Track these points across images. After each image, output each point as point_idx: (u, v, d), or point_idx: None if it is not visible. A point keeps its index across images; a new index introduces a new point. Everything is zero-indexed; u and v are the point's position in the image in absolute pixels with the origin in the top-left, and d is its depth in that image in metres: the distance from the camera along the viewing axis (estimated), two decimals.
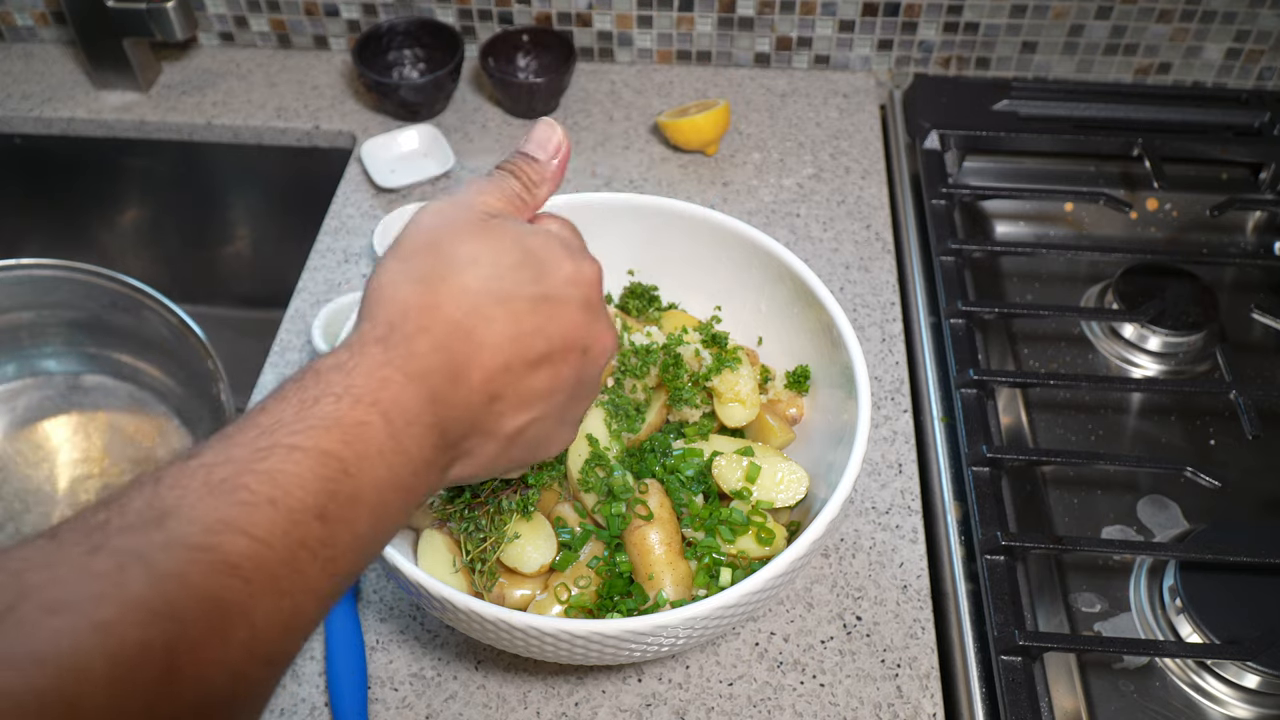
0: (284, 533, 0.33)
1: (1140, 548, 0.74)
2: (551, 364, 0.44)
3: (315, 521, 0.34)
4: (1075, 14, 1.07)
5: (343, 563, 0.36)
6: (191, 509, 0.32)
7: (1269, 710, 0.68)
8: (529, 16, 1.13)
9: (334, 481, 0.35)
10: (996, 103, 1.04)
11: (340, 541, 0.35)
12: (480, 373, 0.42)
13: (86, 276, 0.99)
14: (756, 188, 1.02)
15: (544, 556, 0.64)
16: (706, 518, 0.64)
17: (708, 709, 0.67)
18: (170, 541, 0.31)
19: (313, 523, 0.34)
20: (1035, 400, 0.86)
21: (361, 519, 0.36)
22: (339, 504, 0.35)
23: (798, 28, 1.11)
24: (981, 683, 0.68)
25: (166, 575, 0.30)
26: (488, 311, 0.42)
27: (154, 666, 0.29)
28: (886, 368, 0.86)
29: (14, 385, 1.07)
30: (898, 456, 0.80)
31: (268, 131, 1.11)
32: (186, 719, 0.29)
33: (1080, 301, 0.94)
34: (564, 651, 0.56)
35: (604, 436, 0.67)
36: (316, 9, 1.14)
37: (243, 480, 0.33)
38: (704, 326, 0.75)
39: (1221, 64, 1.11)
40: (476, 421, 0.43)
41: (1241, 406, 0.80)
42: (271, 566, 0.32)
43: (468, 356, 0.41)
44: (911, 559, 0.74)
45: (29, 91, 1.14)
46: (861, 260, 0.95)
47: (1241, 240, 1.01)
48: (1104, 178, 1.03)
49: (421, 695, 0.68)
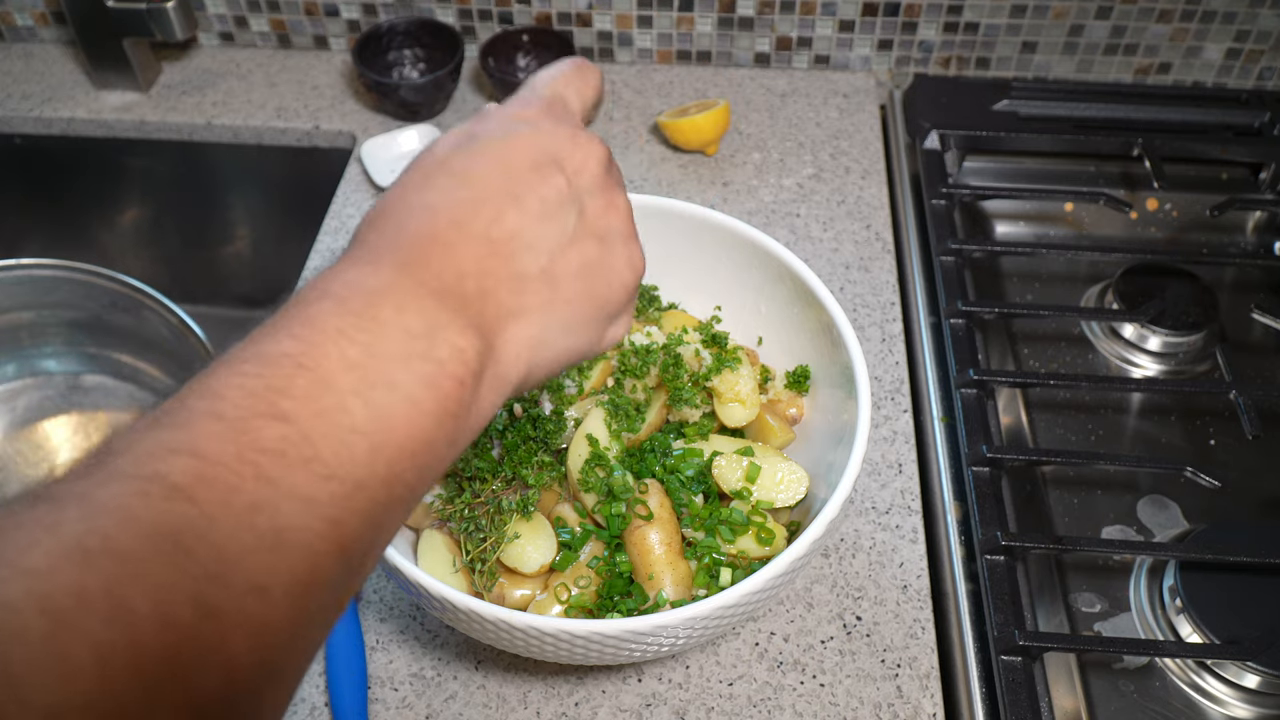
0: (233, 442, 0.30)
1: (1140, 548, 0.74)
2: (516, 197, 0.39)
3: (273, 423, 0.31)
4: (1075, 14, 1.07)
5: (336, 460, 0.31)
6: (135, 444, 0.30)
7: (1269, 710, 0.68)
8: (529, 16, 1.13)
9: (284, 379, 0.32)
10: (996, 103, 1.04)
11: (317, 436, 0.31)
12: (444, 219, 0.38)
13: (86, 276, 0.99)
14: (756, 188, 1.02)
15: (544, 556, 0.64)
16: (706, 518, 0.64)
17: (708, 709, 0.67)
18: (109, 476, 0.29)
19: (268, 425, 0.30)
20: (1035, 400, 0.86)
21: (342, 406, 0.32)
22: (299, 399, 0.31)
23: (798, 28, 1.11)
24: (981, 683, 0.68)
25: (102, 511, 0.27)
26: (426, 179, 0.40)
27: (96, 610, 0.26)
28: (886, 368, 0.86)
29: (14, 385, 1.07)
30: (898, 456, 0.80)
31: (268, 131, 1.10)
32: (157, 666, 0.26)
33: (1080, 301, 0.94)
34: (564, 651, 0.56)
35: (604, 436, 0.67)
36: (316, 9, 1.14)
37: (184, 404, 0.31)
38: (704, 326, 0.75)
39: (1221, 64, 1.11)
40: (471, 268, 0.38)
41: (1241, 406, 0.80)
42: (225, 480, 0.29)
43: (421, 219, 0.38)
44: (911, 559, 0.74)
45: (29, 91, 1.14)
46: (861, 260, 0.95)
47: (1241, 240, 1.00)
48: (1104, 178, 1.03)
49: (421, 695, 0.68)
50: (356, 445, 0.32)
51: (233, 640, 0.28)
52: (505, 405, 0.69)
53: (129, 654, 0.26)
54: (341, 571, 0.32)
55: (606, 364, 0.71)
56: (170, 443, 0.30)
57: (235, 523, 0.29)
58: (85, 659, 0.25)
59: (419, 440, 0.34)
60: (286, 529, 0.30)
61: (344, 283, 0.36)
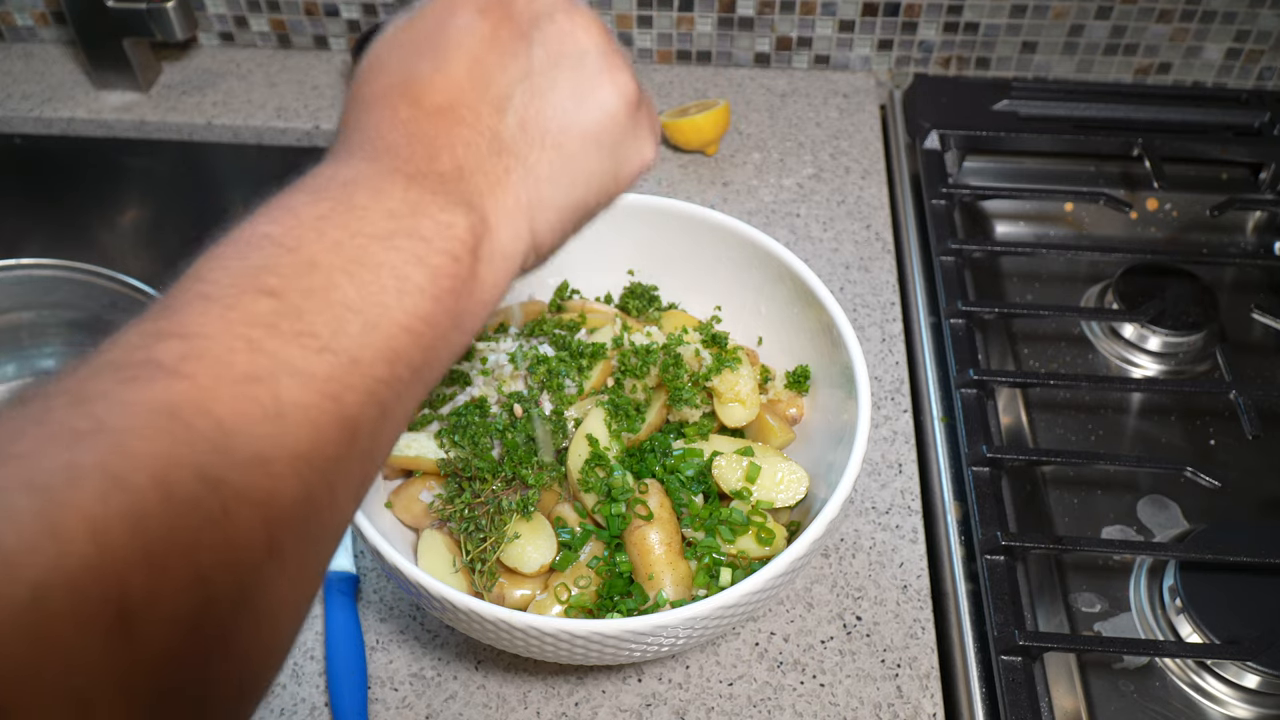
0: (221, 319, 0.29)
1: (1140, 548, 0.74)
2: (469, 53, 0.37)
3: (261, 298, 0.30)
4: (1075, 14, 1.07)
5: (329, 334, 0.30)
6: (121, 339, 0.29)
7: (1269, 710, 0.68)
8: None
9: (269, 259, 0.31)
10: (996, 103, 1.04)
11: (308, 311, 0.30)
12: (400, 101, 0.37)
13: (86, 276, 0.99)
14: (756, 188, 1.02)
15: (544, 556, 0.64)
16: (706, 518, 0.64)
17: (708, 709, 0.67)
18: (98, 369, 0.28)
19: (257, 300, 0.30)
20: (1035, 400, 0.86)
21: (331, 283, 0.31)
22: (285, 276, 0.31)
23: (798, 28, 1.11)
24: (981, 683, 0.68)
25: (92, 397, 0.27)
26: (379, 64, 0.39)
27: (88, 485, 0.25)
28: (886, 368, 0.86)
29: (14, 385, 1.07)
30: (898, 456, 0.80)
31: (268, 131, 1.10)
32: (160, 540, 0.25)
33: (1080, 301, 0.94)
34: (564, 651, 0.56)
35: (604, 436, 0.67)
36: (316, 9, 1.14)
37: (167, 296, 0.31)
38: (704, 326, 0.75)
39: (1221, 64, 1.11)
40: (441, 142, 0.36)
41: (1241, 406, 0.80)
42: (217, 354, 0.28)
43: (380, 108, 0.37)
44: (911, 559, 0.74)
45: (29, 91, 1.14)
46: (861, 260, 0.95)
47: (1241, 240, 1.00)
48: (1104, 178, 1.03)
49: (421, 695, 0.68)
50: (349, 321, 0.31)
51: (237, 512, 0.27)
52: (505, 405, 0.69)
53: (127, 525, 0.25)
54: (348, 451, 0.31)
55: (606, 364, 0.71)
56: (157, 330, 0.29)
57: (233, 394, 0.28)
58: (78, 533, 0.24)
59: (418, 318, 0.33)
60: (285, 400, 0.29)
61: (317, 177, 0.35)
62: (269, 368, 0.29)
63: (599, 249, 0.78)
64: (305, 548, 0.30)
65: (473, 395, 0.70)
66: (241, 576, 0.27)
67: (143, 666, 0.25)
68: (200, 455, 0.27)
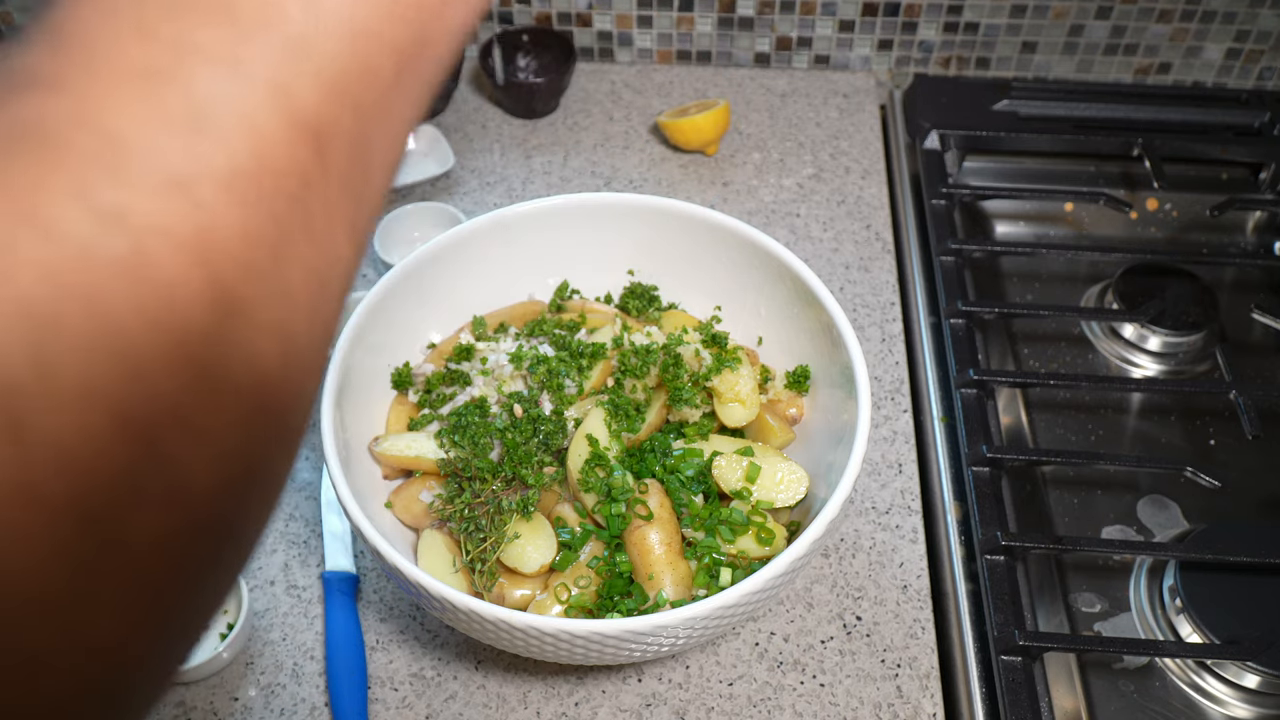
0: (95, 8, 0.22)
1: (1140, 548, 0.74)
2: None
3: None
4: (1075, 14, 1.07)
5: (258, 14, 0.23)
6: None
7: (1269, 710, 0.68)
8: (529, 16, 1.13)
9: None
10: (996, 103, 1.04)
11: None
12: None
13: None
14: (756, 188, 1.02)
15: (544, 556, 0.64)
16: (706, 518, 0.64)
17: (708, 709, 0.67)
18: None
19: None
20: (1035, 400, 0.86)
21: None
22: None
23: (798, 28, 1.11)
24: (981, 683, 0.68)
25: None
26: None
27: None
28: (886, 368, 0.86)
29: None
30: (898, 456, 0.80)
31: None
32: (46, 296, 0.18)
33: (1080, 301, 0.94)
34: (564, 651, 0.56)
35: (604, 436, 0.67)
36: None
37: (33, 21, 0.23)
38: (704, 326, 0.75)
39: (1221, 64, 1.11)
40: None
41: (1241, 406, 0.80)
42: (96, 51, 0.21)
43: None
44: (911, 559, 0.74)
45: None
46: (861, 260, 0.95)
47: (1241, 240, 1.00)
48: (1104, 178, 1.03)
49: (421, 695, 0.68)
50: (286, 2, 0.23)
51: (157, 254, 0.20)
52: (505, 405, 0.69)
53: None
54: (315, 171, 0.23)
55: (606, 364, 0.71)
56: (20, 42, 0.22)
57: (127, 96, 0.21)
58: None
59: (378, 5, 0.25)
60: (202, 98, 0.21)
61: None
62: (172, 59, 0.21)
63: (599, 249, 0.78)
64: (280, 301, 0.22)
65: (473, 395, 0.70)
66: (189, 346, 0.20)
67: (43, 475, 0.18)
68: (93, 183, 0.20)
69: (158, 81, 0.21)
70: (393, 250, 0.93)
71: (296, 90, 0.23)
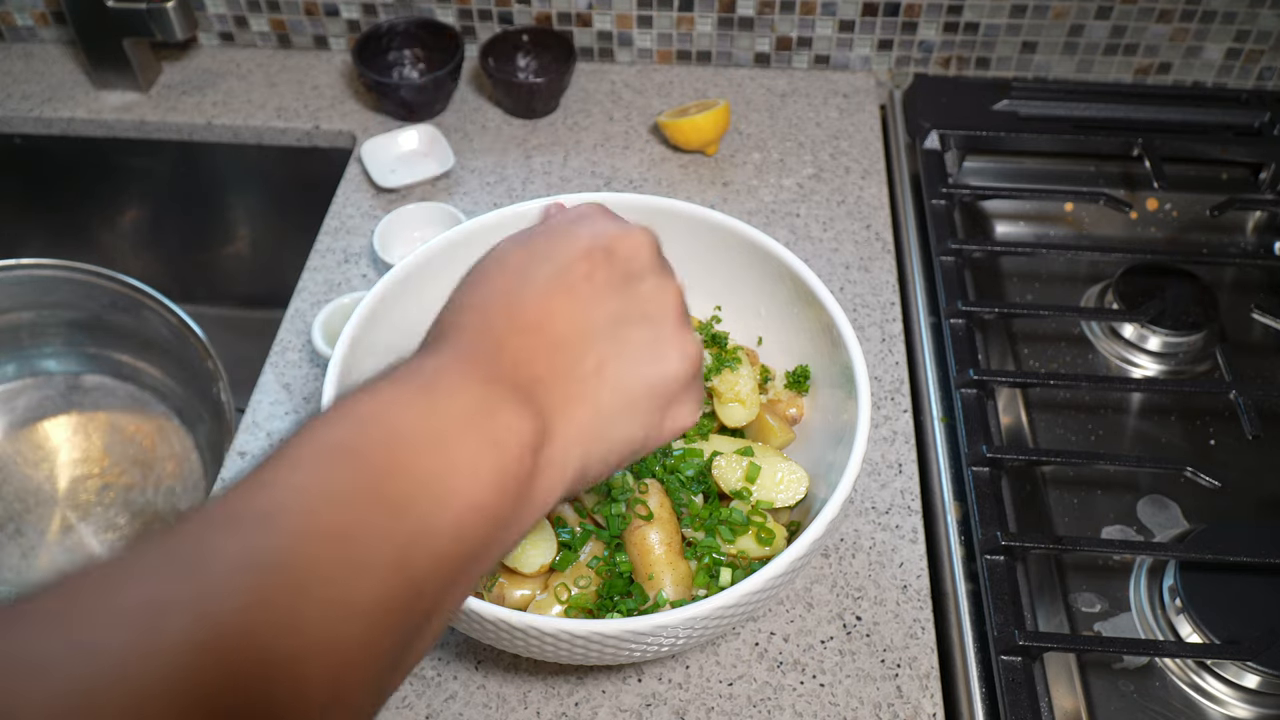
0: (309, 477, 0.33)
1: (1140, 548, 0.74)
2: (568, 286, 0.41)
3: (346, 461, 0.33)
4: (1075, 14, 1.07)
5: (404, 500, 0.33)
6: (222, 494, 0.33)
7: (1269, 710, 0.68)
8: (529, 16, 1.13)
9: (355, 427, 0.35)
10: (996, 103, 1.04)
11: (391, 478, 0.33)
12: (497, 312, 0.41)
13: (86, 276, 1.00)
14: (756, 188, 1.02)
15: (544, 556, 0.64)
16: (706, 518, 0.64)
17: (708, 709, 0.67)
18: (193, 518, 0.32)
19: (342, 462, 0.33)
20: (1035, 400, 0.86)
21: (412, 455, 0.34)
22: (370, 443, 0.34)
23: (798, 28, 1.11)
24: (981, 683, 0.68)
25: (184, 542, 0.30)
26: (484, 276, 0.43)
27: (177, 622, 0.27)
28: (886, 368, 0.86)
29: (14, 385, 1.07)
30: (898, 456, 0.80)
31: (268, 131, 1.10)
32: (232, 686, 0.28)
33: (1080, 301, 0.94)
34: (564, 651, 0.56)
35: None
36: (316, 9, 1.14)
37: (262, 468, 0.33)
38: (704, 326, 0.75)
39: (1221, 64, 1.11)
40: (524, 356, 0.39)
41: (1241, 406, 0.80)
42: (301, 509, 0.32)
43: (475, 315, 0.41)
44: (911, 559, 0.74)
45: (29, 91, 1.14)
46: (861, 260, 0.95)
47: (1241, 240, 1.01)
48: (1104, 178, 1.03)
49: (421, 695, 0.68)
50: (419, 497, 0.33)
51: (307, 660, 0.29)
52: None
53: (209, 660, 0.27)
54: (408, 616, 0.33)
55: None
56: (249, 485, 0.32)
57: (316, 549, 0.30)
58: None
59: (481, 509, 0.35)
60: (362, 558, 0.31)
61: (403, 368, 0.38)
62: (351, 526, 0.31)
63: None
64: (366, 695, 0.32)
65: None
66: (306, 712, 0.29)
67: None
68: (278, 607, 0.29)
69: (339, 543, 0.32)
70: (393, 250, 0.93)
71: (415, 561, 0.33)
